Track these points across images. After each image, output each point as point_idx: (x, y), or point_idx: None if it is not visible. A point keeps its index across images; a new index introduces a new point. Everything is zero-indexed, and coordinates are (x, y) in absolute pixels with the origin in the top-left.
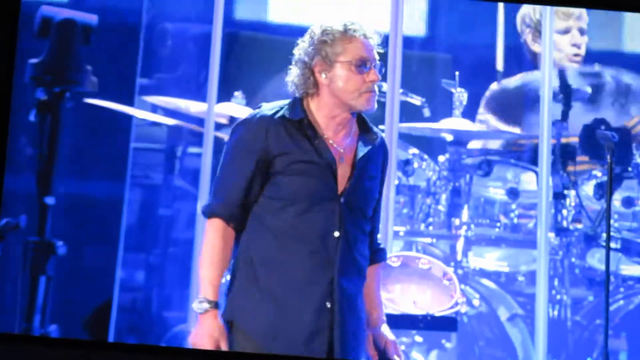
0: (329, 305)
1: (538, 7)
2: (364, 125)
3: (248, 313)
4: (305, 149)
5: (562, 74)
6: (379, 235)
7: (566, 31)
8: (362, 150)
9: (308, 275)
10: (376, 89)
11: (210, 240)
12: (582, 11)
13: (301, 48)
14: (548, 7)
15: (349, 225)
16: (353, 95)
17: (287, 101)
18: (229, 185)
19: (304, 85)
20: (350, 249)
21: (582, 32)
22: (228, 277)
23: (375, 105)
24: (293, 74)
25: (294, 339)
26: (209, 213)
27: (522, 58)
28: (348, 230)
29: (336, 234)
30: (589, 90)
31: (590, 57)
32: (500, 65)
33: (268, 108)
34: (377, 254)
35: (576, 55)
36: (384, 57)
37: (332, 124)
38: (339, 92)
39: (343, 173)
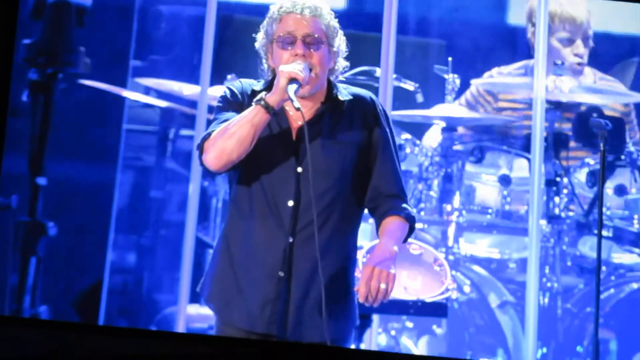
0: (281, 274)
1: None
2: (329, 94)
3: (210, 286)
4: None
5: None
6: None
7: (570, 41)
8: (315, 121)
9: (263, 243)
10: (307, 63)
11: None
12: (590, 16)
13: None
14: None
15: (310, 196)
16: None
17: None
18: None
19: (267, 68)
20: (314, 220)
21: (586, 39)
22: None
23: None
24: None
25: (249, 307)
26: None
27: (518, 48)
28: (309, 200)
29: (290, 203)
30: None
31: None
32: None
33: (247, 82)
34: (387, 214)
35: (579, 64)
36: (377, 42)
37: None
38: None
39: (302, 146)
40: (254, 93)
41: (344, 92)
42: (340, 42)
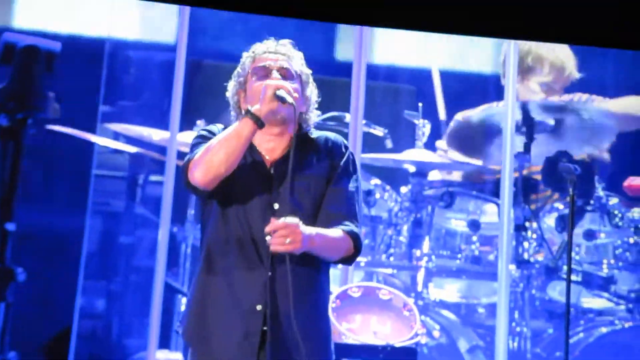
0: (259, 308)
1: (523, 46)
2: (299, 130)
3: (187, 324)
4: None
5: (525, 107)
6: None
7: (550, 89)
8: (288, 156)
9: (242, 279)
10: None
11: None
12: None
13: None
14: (512, 41)
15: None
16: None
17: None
18: None
19: (236, 116)
20: (291, 255)
21: (564, 90)
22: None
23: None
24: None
25: (230, 341)
26: None
27: (487, 89)
28: None
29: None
30: (551, 122)
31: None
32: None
33: (220, 126)
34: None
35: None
36: (347, 87)
37: (263, 140)
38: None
39: (276, 182)
40: None
41: (313, 131)
42: (312, 91)
